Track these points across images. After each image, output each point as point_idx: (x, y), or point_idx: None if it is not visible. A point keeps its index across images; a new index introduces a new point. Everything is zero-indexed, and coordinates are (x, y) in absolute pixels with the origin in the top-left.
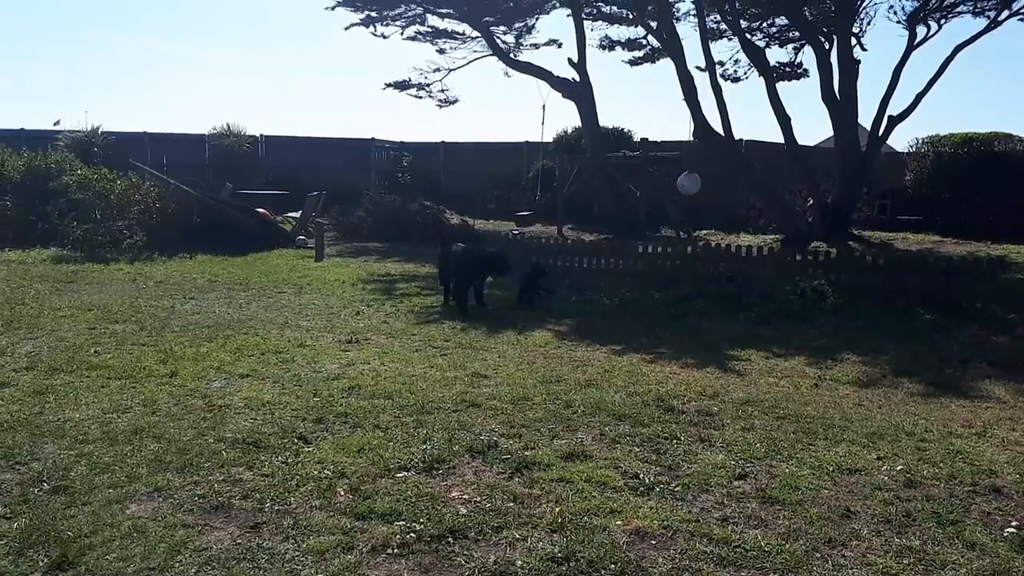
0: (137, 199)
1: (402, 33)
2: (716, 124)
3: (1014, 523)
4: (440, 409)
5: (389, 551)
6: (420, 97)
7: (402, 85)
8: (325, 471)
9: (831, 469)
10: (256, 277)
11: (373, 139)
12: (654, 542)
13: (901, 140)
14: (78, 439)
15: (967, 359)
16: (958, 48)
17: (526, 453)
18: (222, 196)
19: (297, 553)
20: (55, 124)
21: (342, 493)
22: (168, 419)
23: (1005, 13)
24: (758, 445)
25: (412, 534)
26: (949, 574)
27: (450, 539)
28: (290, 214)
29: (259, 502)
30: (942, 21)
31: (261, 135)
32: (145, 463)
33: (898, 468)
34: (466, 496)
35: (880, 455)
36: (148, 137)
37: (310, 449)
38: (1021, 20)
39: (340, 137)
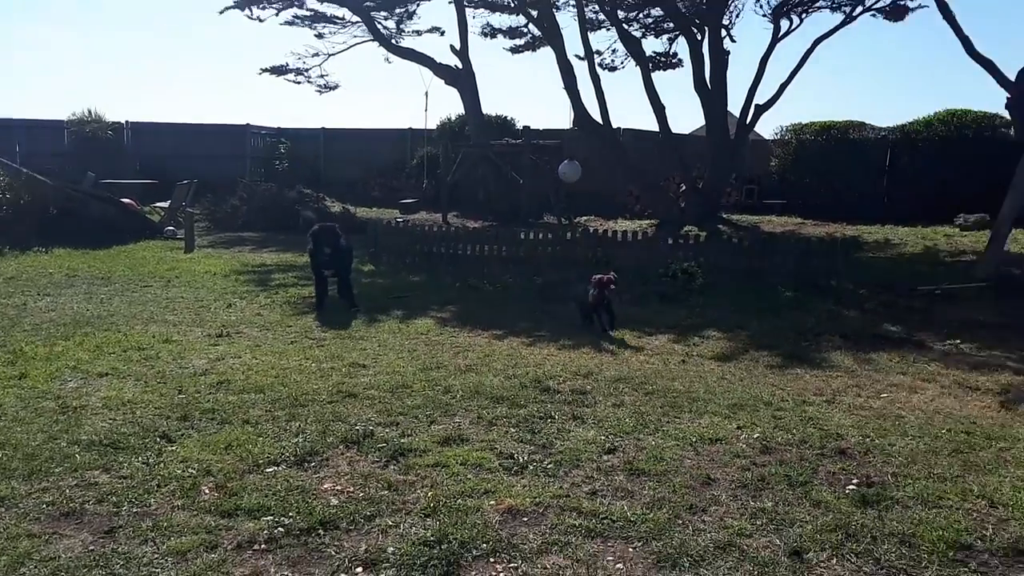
0: None
1: (278, 16)
2: (595, 113)
3: (855, 481)
4: (315, 401)
5: (256, 547)
6: (299, 82)
7: (279, 70)
8: (189, 470)
9: (694, 440)
10: (120, 270)
11: (248, 125)
12: (526, 519)
13: (768, 128)
14: None
15: (821, 332)
16: (817, 41)
17: (402, 440)
18: (84, 186)
19: (156, 555)
20: None
21: (207, 491)
22: (14, 423)
23: (859, 8)
24: (628, 420)
25: (280, 528)
26: (797, 531)
27: (320, 531)
28: (159, 204)
29: (115, 505)
30: (803, 15)
31: (127, 121)
32: None
33: (755, 436)
34: (339, 487)
35: (740, 424)
36: None
37: (174, 448)
38: (874, 15)
39: (213, 123)
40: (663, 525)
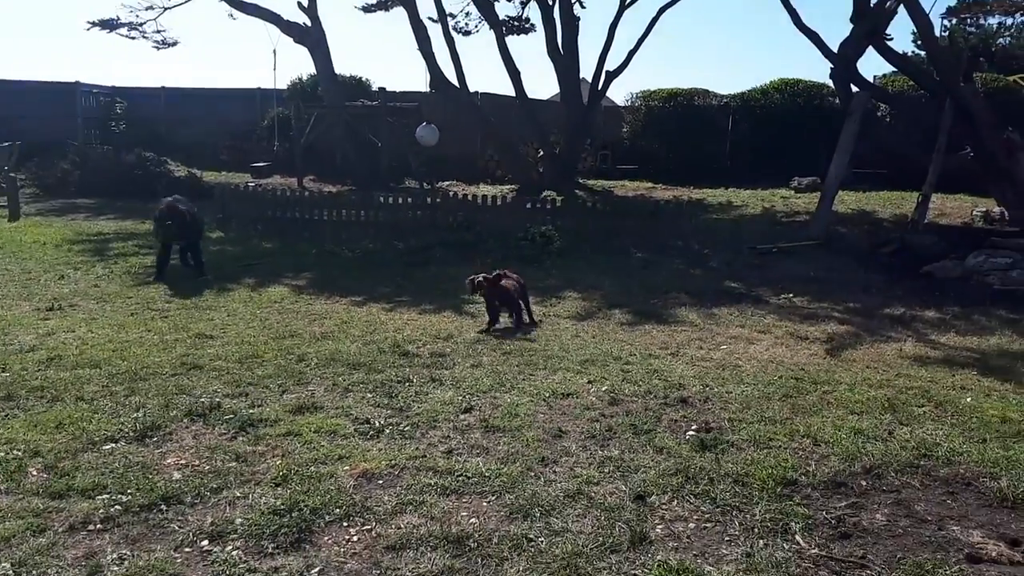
0: None
1: None
2: (452, 76)
3: (695, 427)
4: (157, 375)
5: (90, 527)
6: (133, 38)
7: (109, 24)
8: (14, 452)
9: (547, 395)
10: None
11: (78, 83)
12: (381, 482)
13: (619, 94)
14: None
15: (669, 290)
16: (662, 9)
17: (252, 411)
18: None
19: None
20: None
21: (35, 473)
22: None
23: None
24: (485, 380)
25: (118, 506)
26: (641, 476)
27: (163, 506)
28: None
29: None
30: None
31: None
32: None
33: (604, 389)
34: (183, 461)
35: (591, 379)
36: None
37: None
38: None
39: (37, 80)
40: (516, 478)
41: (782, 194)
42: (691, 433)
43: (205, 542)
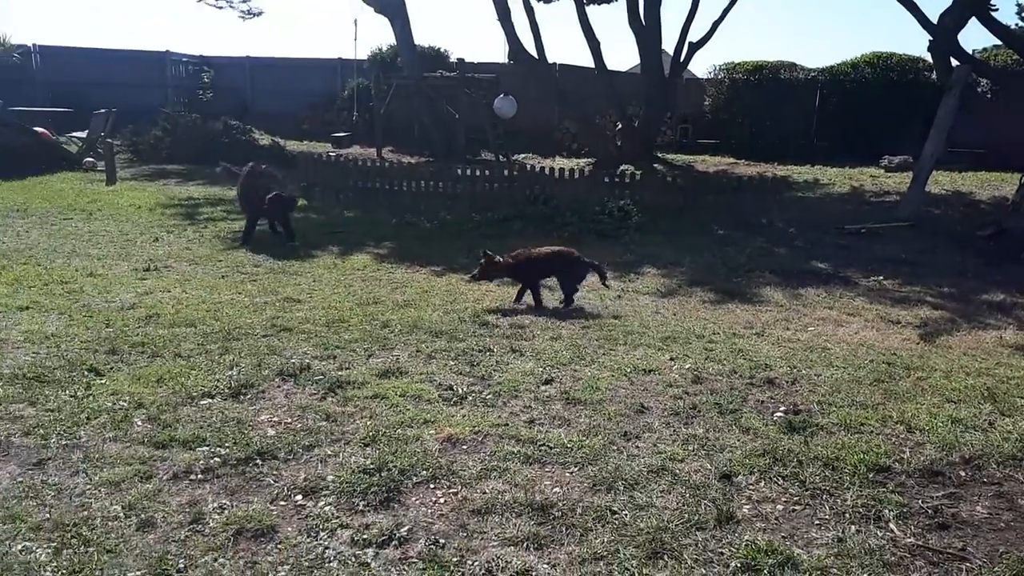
0: None
1: None
2: (530, 46)
3: (782, 408)
4: (248, 335)
5: (192, 477)
6: (220, 7)
7: None
8: (120, 403)
9: (629, 371)
10: (37, 202)
11: (168, 52)
12: (465, 447)
13: (701, 67)
14: None
15: (752, 269)
16: None
17: (340, 373)
18: None
19: (88, 486)
20: None
21: (139, 423)
22: None
23: None
24: (564, 352)
25: (217, 459)
26: (727, 456)
27: (258, 461)
28: (75, 134)
29: (43, 438)
30: None
31: (35, 44)
32: None
33: (687, 367)
34: (276, 419)
35: (672, 356)
36: None
37: (103, 381)
38: None
39: (130, 49)
40: (598, 451)
41: (871, 173)
42: (779, 414)
43: (299, 497)
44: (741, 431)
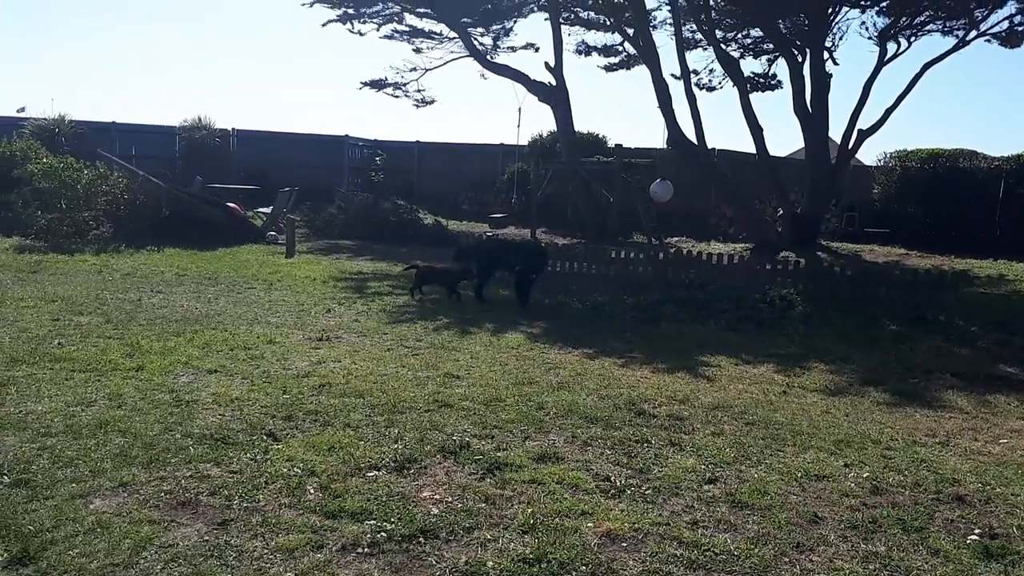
0: (104, 190)
1: (379, 31)
2: (690, 132)
3: (977, 531)
4: (412, 409)
5: (359, 550)
6: (396, 96)
7: (379, 84)
8: (295, 469)
9: (799, 475)
10: (225, 272)
11: (346, 136)
12: (625, 544)
13: (870, 154)
14: (40, 432)
15: (930, 369)
16: (927, 65)
17: (498, 454)
18: (192, 189)
19: (266, 551)
20: (19, 111)
21: (312, 491)
22: (134, 413)
23: (973, 33)
24: (728, 450)
25: (383, 534)
26: None
27: (421, 539)
28: (261, 209)
29: (227, 499)
30: (912, 38)
31: (233, 129)
32: (110, 457)
33: (864, 475)
34: (437, 496)
35: (847, 462)
36: (116, 128)
37: (279, 447)
38: (988, 40)
39: (313, 133)
40: (768, 562)
41: None
42: (973, 537)
43: None
44: (929, 552)
